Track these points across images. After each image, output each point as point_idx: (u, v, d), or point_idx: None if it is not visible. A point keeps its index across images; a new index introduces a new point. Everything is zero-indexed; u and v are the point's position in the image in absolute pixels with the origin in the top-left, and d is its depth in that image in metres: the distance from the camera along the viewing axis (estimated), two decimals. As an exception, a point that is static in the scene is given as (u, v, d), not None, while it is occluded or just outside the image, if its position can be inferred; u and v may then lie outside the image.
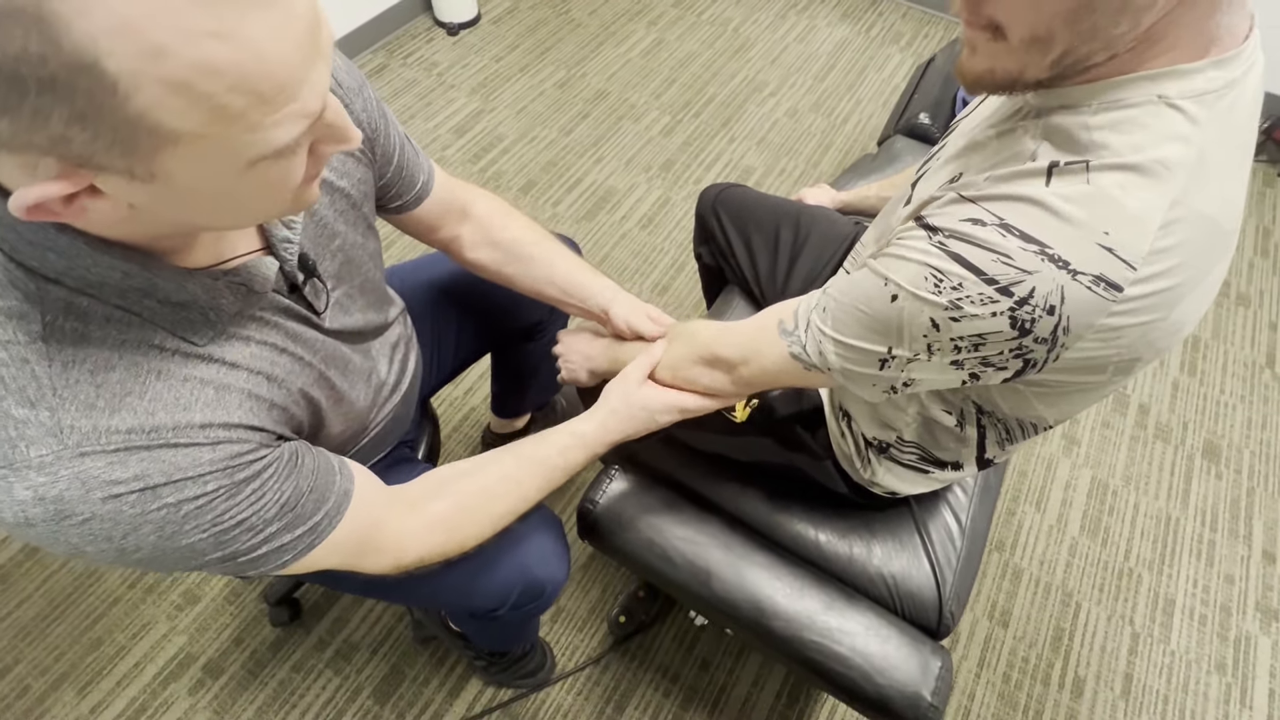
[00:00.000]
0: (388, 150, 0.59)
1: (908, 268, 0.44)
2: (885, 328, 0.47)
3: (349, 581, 0.69)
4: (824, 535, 0.80)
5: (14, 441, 0.34)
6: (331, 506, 0.47)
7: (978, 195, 0.44)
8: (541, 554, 0.72)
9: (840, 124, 1.94)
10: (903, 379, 0.50)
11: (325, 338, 0.52)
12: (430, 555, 0.56)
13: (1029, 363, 0.44)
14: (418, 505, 0.56)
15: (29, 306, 0.34)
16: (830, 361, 0.52)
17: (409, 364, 0.70)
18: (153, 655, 1.08)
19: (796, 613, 0.73)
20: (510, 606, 0.71)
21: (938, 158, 0.57)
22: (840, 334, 0.50)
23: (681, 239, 1.65)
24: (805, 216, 0.93)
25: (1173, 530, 1.28)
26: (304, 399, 0.49)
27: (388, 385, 0.65)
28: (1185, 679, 1.13)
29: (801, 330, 0.54)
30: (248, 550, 0.42)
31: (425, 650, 1.10)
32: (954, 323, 0.43)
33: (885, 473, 0.72)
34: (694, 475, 0.83)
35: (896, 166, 1.20)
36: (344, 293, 0.55)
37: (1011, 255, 0.40)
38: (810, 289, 0.87)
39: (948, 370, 0.47)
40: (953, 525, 0.81)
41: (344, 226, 0.54)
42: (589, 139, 1.85)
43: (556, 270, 0.76)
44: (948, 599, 0.77)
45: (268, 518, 0.42)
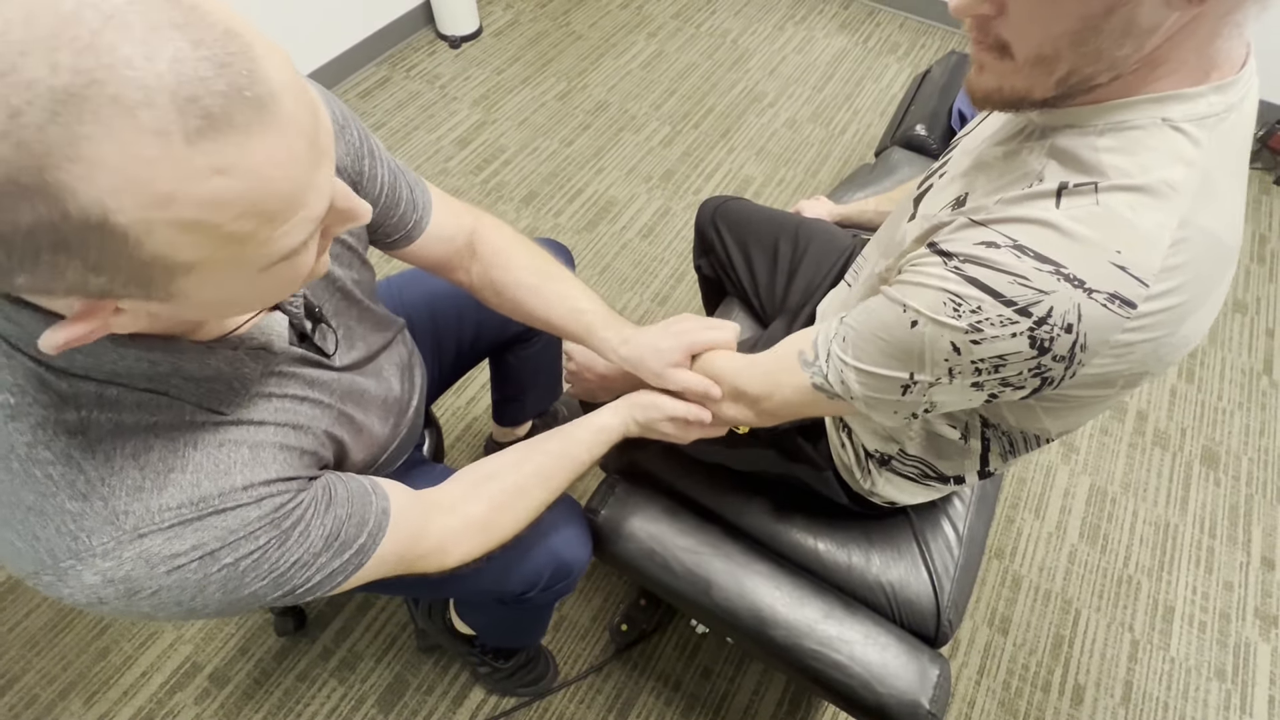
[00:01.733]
0: (374, 189, 0.58)
1: (925, 294, 0.46)
2: (906, 354, 0.48)
3: (395, 585, 0.71)
4: (823, 544, 0.81)
5: (75, 534, 0.36)
6: (373, 527, 0.49)
7: (989, 219, 0.45)
8: (567, 538, 0.75)
9: (838, 134, 1.96)
10: (924, 403, 0.51)
11: (339, 375, 0.53)
12: (472, 554, 0.58)
13: (1046, 380, 0.45)
14: (455, 509, 0.58)
15: (64, 405, 0.36)
16: (853, 390, 0.53)
17: (417, 379, 0.72)
18: (159, 665, 1.09)
19: (796, 621, 0.74)
20: (540, 588, 0.74)
21: (942, 174, 0.59)
22: (861, 362, 0.51)
23: (681, 249, 1.67)
24: (804, 229, 0.94)
25: (1172, 537, 1.29)
26: (328, 439, 0.51)
27: (402, 403, 0.67)
28: (1185, 686, 1.14)
29: (823, 361, 0.54)
30: (304, 583, 0.45)
31: (429, 659, 1.11)
32: (975, 345, 0.44)
33: (885, 483, 0.73)
34: (695, 485, 0.85)
35: (894, 178, 1.22)
36: (346, 328, 0.56)
37: (1028, 276, 0.42)
38: (809, 301, 0.90)
39: (968, 392, 0.48)
40: (950, 534, 0.82)
41: (340, 269, 0.55)
42: (590, 150, 1.87)
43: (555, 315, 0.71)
44: (946, 607, 0.77)
45: (316, 551, 0.45)
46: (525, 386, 1.11)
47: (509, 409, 1.19)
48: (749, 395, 0.62)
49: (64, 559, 0.36)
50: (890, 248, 0.60)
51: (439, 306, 0.89)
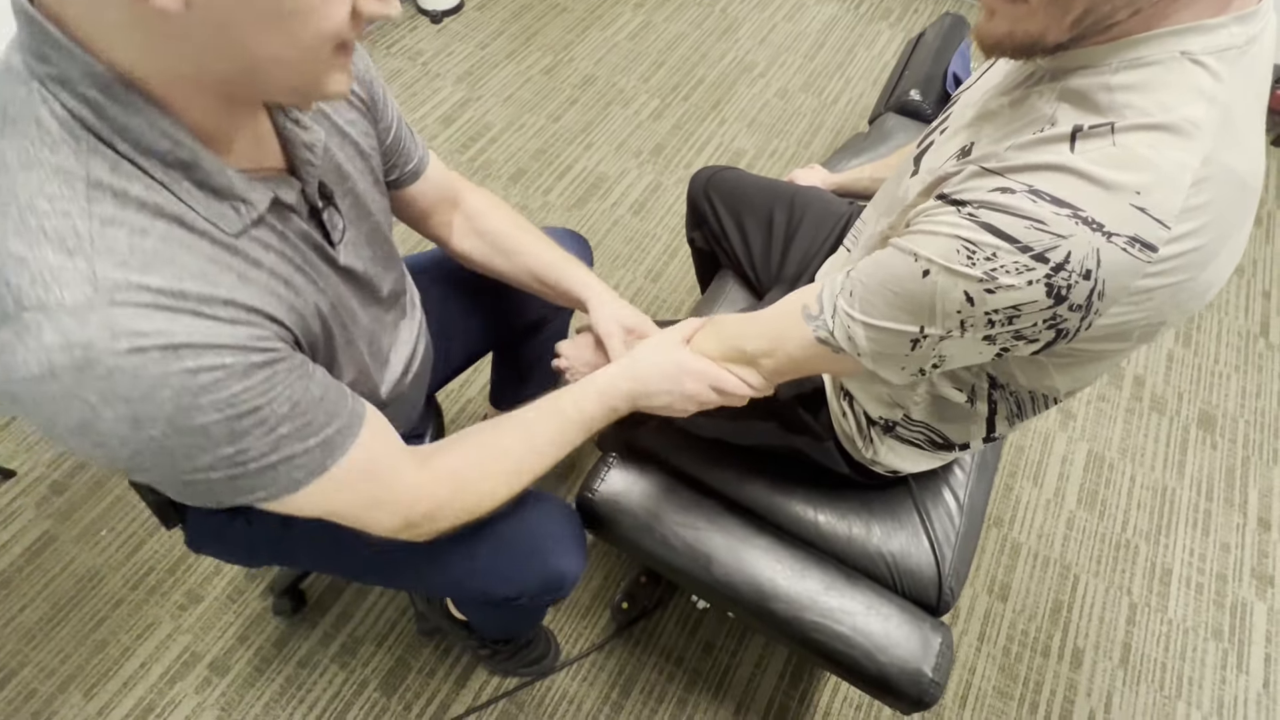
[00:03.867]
0: (386, 116, 0.61)
1: (938, 242, 0.44)
2: (916, 306, 0.46)
3: (371, 568, 0.71)
4: (823, 516, 0.80)
5: (48, 284, 0.35)
6: (344, 424, 0.47)
7: (1002, 167, 0.43)
8: (561, 545, 0.72)
9: (830, 103, 1.92)
10: (933, 358, 0.50)
11: (336, 275, 0.53)
12: (439, 511, 0.54)
13: (1061, 333, 0.43)
14: (429, 460, 0.55)
15: (77, 164, 0.36)
16: (860, 345, 0.51)
17: (419, 344, 0.70)
18: (158, 655, 1.08)
19: (797, 594, 0.74)
20: (531, 595, 0.72)
21: (943, 130, 0.57)
22: (869, 316, 0.50)
23: (674, 224, 1.64)
24: (799, 198, 0.92)
25: (1169, 501, 1.29)
26: (319, 317, 0.49)
27: (397, 357, 0.65)
28: (1183, 647, 1.15)
29: (828, 315, 0.53)
30: (259, 455, 0.42)
31: (430, 642, 1.11)
32: (989, 295, 0.42)
33: (888, 452, 0.72)
34: (692, 460, 0.83)
35: (889, 145, 1.19)
36: (354, 235, 0.56)
37: (1044, 221, 0.40)
38: (806, 271, 0.88)
39: (979, 346, 0.47)
40: (951, 502, 0.82)
41: (354, 171, 0.56)
42: (578, 125, 1.83)
43: (537, 261, 0.77)
44: (947, 576, 0.77)
45: (279, 414, 0.42)
46: (526, 372, 1.10)
47: (506, 391, 1.17)
48: (749, 353, 0.60)
49: (29, 308, 0.34)
50: (893, 205, 0.58)
51: (450, 293, 0.87)
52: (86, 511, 1.20)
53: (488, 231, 0.76)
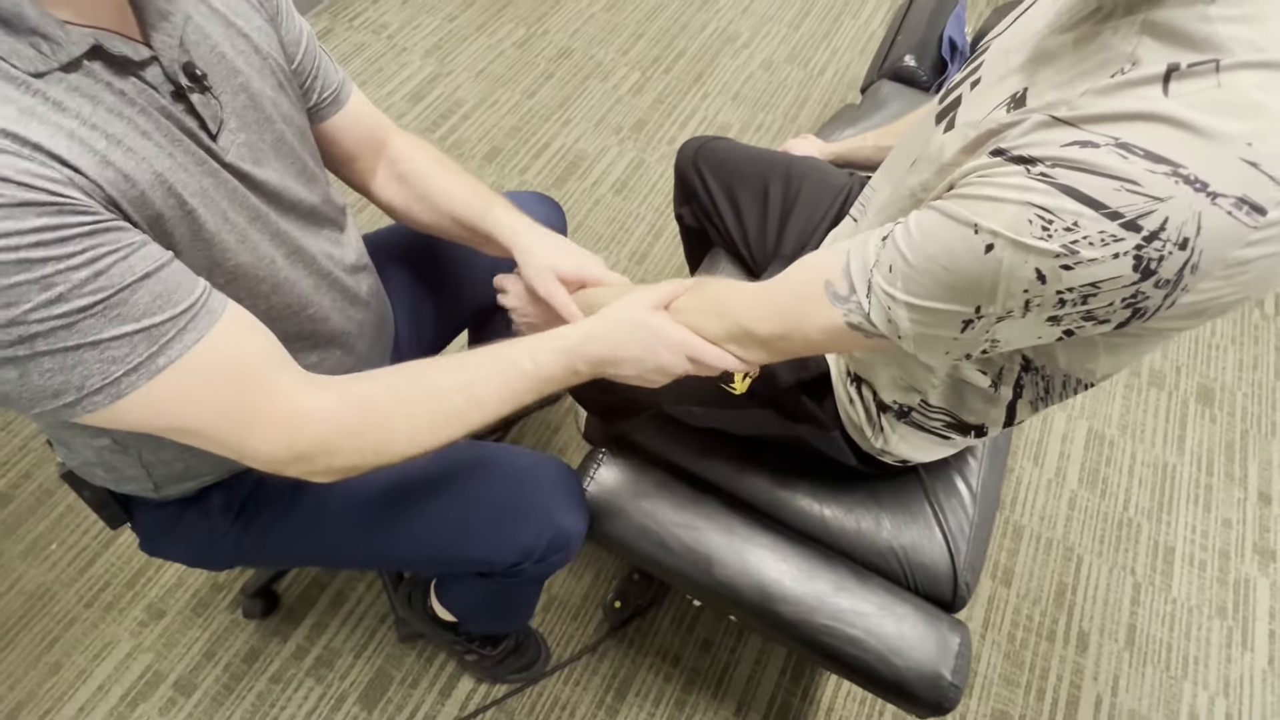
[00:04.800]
0: (293, 27, 0.56)
1: (1006, 210, 0.37)
2: (975, 285, 0.40)
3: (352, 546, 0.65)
4: (829, 510, 0.75)
5: None
6: (182, 314, 0.39)
7: (1078, 116, 0.37)
8: (564, 504, 0.69)
9: (817, 75, 1.85)
10: (984, 342, 0.44)
11: (224, 172, 0.46)
12: (341, 443, 0.45)
13: (1138, 312, 0.38)
14: (335, 384, 0.46)
15: None
16: (902, 329, 0.45)
17: (364, 281, 0.64)
18: (118, 676, 1.01)
19: (805, 595, 0.68)
20: (537, 558, 0.68)
21: (974, 82, 0.50)
22: (915, 296, 0.43)
23: (658, 203, 1.57)
24: (795, 169, 0.86)
25: (1170, 477, 1.27)
26: (171, 196, 0.42)
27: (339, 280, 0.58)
28: (1187, 626, 1.13)
29: (861, 295, 0.46)
30: (46, 328, 0.35)
31: (412, 650, 1.05)
32: (1065, 271, 0.36)
33: (899, 440, 0.66)
34: (688, 454, 0.78)
35: (885, 113, 1.13)
36: (252, 141, 0.49)
37: (1138, 181, 0.34)
38: (805, 247, 0.82)
39: (1041, 328, 0.41)
40: (963, 491, 0.77)
41: (246, 66, 0.50)
42: (554, 101, 1.74)
43: (455, 203, 0.68)
44: (962, 569, 0.72)
45: (73, 280, 0.35)
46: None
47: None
48: (760, 336, 0.53)
49: None
50: (921, 163, 0.51)
51: (415, 268, 0.81)
52: (34, 525, 1.12)
53: (408, 175, 0.69)
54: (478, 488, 0.66)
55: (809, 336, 0.50)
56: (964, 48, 1.29)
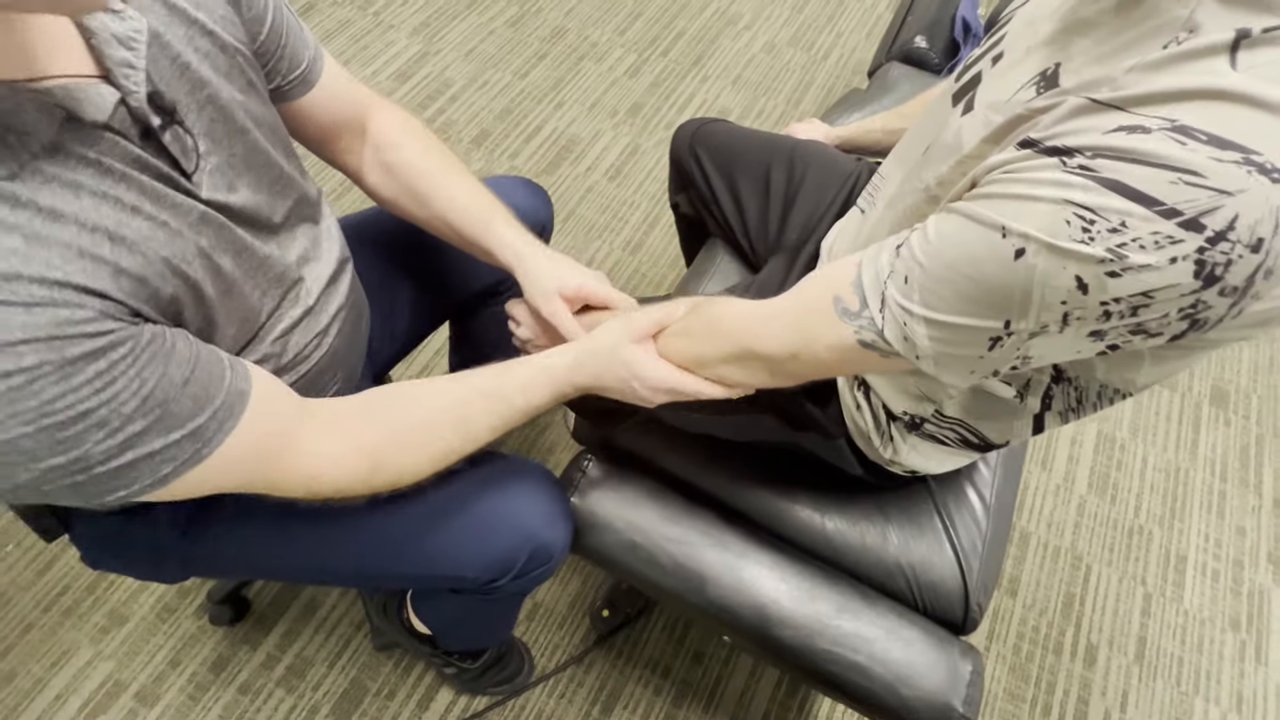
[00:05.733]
0: (255, 3, 0.49)
1: (1039, 210, 0.32)
2: (1003, 297, 0.34)
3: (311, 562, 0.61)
4: (832, 523, 0.69)
5: None
6: (221, 407, 0.40)
7: (1124, 97, 0.31)
8: (545, 514, 0.64)
9: (821, 59, 1.78)
10: (1015, 359, 0.38)
11: (200, 211, 0.42)
12: (351, 486, 0.49)
13: (1197, 323, 0.32)
14: (341, 427, 0.48)
15: None
16: (921, 347, 0.39)
17: (342, 282, 0.59)
18: (76, 686, 0.95)
19: (806, 618, 0.63)
20: (515, 575, 0.63)
21: (995, 58, 0.44)
22: (936, 311, 0.38)
23: (654, 190, 1.51)
24: (799, 153, 0.80)
25: (1182, 482, 1.22)
26: (176, 275, 0.40)
27: (308, 295, 0.54)
28: (1199, 639, 1.08)
29: (874, 310, 0.41)
30: (104, 457, 0.35)
31: (389, 659, 0.99)
32: (1111, 279, 0.31)
33: (910, 451, 0.61)
34: (682, 461, 0.72)
35: (894, 97, 1.07)
36: (223, 160, 0.45)
37: (1201, 171, 0.28)
38: (811, 238, 0.76)
39: (1082, 343, 0.35)
40: (976, 503, 0.72)
41: (212, 73, 0.44)
42: (547, 82, 1.67)
43: (452, 210, 0.64)
44: (974, 588, 0.67)
45: (125, 414, 0.35)
46: (487, 351, 0.97)
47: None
48: (765, 356, 0.48)
49: None
50: (937, 153, 0.46)
51: (389, 257, 0.75)
52: (-12, 524, 1.06)
53: (397, 166, 0.63)
54: (447, 498, 0.61)
55: (819, 356, 0.44)
56: (978, 30, 1.22)
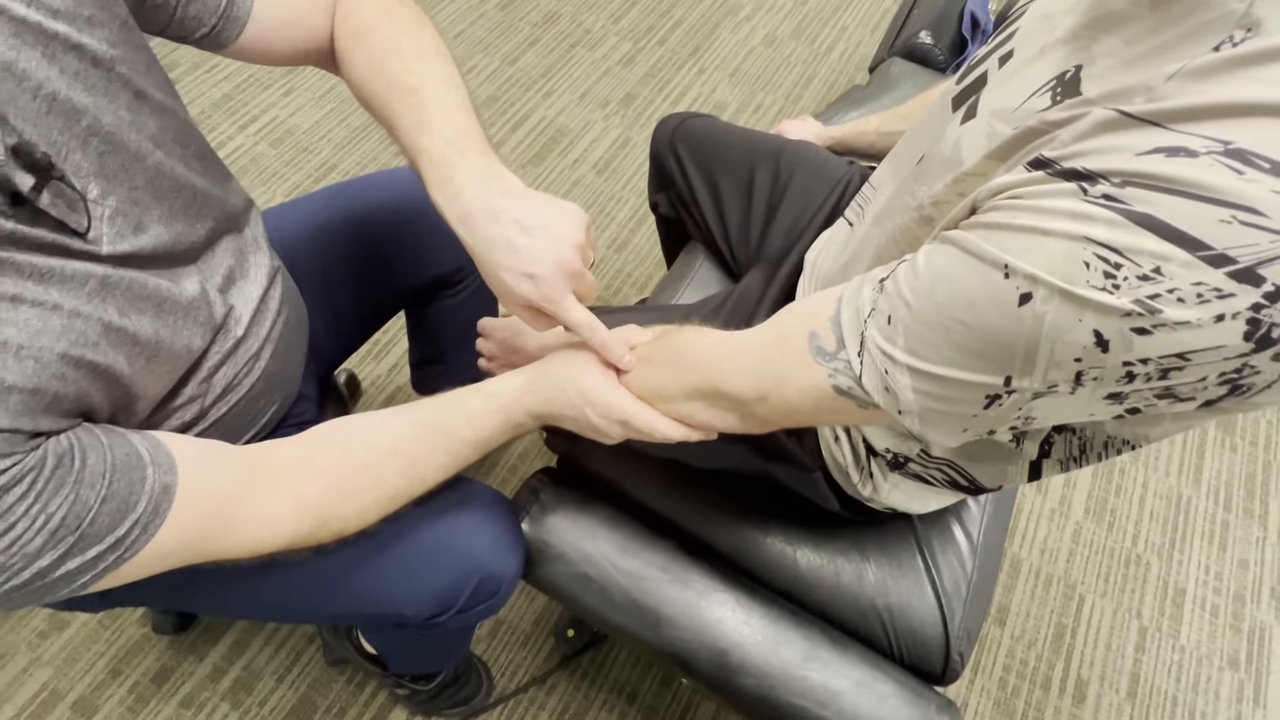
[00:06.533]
0: None
1: (1051, 247, 0.26)
2: (1004, 350, 0.29)
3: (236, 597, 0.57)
4: (805, 558, 0.64)
5: None
6: (144, 513, 0.36)
7: (1163, 110, 0.25)
8: (495, 542, 0.59)
9: (824, 53, 1.71)
10: (1015, 419, 0.32)
11: (109, 270, 0.37)
12: (298, 544, 0.45)
13: (1238, 389, 0.26)
14: (283, 481, 0.44)
15: None
16: (904, 401, 0.34)
17: (273, 298, 0.54)
18: (10, 694, 0.90)
19: (770, 667, 0.58)
20: (458, 610, 0.58)
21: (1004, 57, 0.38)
22: (923, 360, 0.32)
23: (643, 186, 1.43)
24: (787, 154, 0.74)
25: (1184, 511, 1.16)
26: (80, 368, 0.35)
27: (237, 324, 0.49)
28: (1195, 677, 1.03)
29: (852, 353, 0.35)
30: (10, 589, 0.33)
31: (341, 675, 0.94)
32: (1139, 337, 0.25)
33: (891, 489, 0.55)
34: (646, 487, 0.66)
35: (894, 95, 1.00)
36: (124, 199, 0.39)
37: (1261, 208, 0.23)
38: (795, 247, 0.69)
39: (1096, 405, 0.30)
40: (961, 541, 0.66)
41: (88, 97, 0.36)
42: (537, 69, 1.60)
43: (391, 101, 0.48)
44: (956, 636, 0.62)
45: (30, 553, 0.32)
46: (447, 345, 0.91)
47: (429, 374, 0.99)
48: (731, 395, 0.42)
49: None
50: (933, 167, 0.40)
51: (328, 243, 0.69)
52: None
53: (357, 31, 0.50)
54: (384, 527, 0.55)
55: (789, 400, 0.39)
56: (987, 26, 1.16)
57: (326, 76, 1.52)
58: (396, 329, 1.20)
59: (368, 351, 1.20)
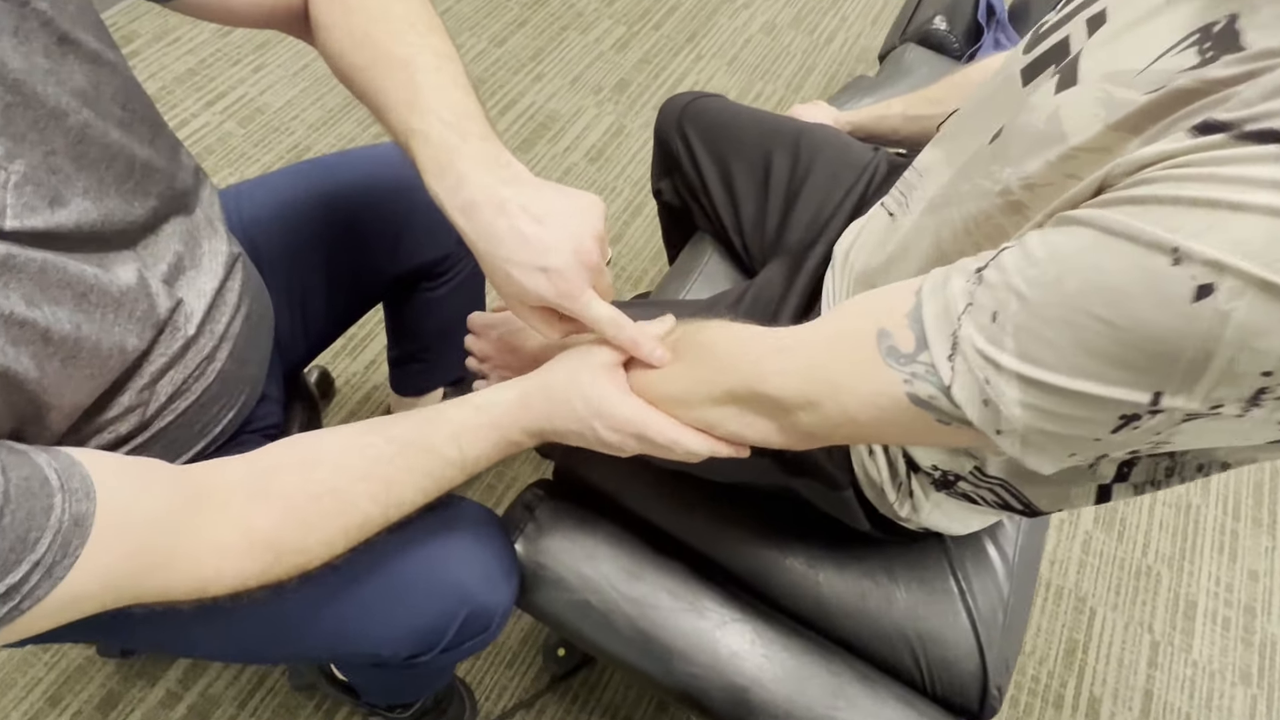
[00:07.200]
0: None
1: (1243, 225, 0.21)
2: (1162, 356, 0.23)
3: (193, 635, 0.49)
4: (827, 582, 0.58)
5: None
6: (48, 553, 0.29)
7: None
8: (485, 569, 0.52)
9: (824, 44, 1.66)
10: (1148, 444, 0.26)
11: (12, 249, 0.31)
12: (251, 582, 0.38)
13: None
14: (231, 508, 0.37)
15: None
16: (1008, 417, 0.27)
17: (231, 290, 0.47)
18: (-68, 724, 0.81)
19: (794, 706, 0.52)
20: (443, 648, 0.51)
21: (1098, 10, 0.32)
22: (1040, 368, 0.26)
23: (638, 175, 1.38)
24: (807, 138, 0.67)
25: (1193, 520, 1.13)
26: None
27: (188, 321, 0.42)
28: (1208, 693, 1.00)
29: (938, 356, 0.28)
30: None
31: (309, 700, 0.87)
32: None
33: (932, 509, 0.50)
34: (651, 502, 0.60)
35: (910, 82, 0.95)
36: (36, 164, 0.33)
37: None
38: (820, 238, 0.63)
39: (1266, 429, 0.24)
40: (996, 562, 0.61)
41: None
42: (526, 52, 1.52)
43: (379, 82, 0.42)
44: (993, 667, 0.56)
45: None
46: (430, 341, 0.83)
47: (409, 372, 0.91)
48: (771, 400, 0.35)
49: None
50: (1020, 145, 0.34)
51: (297, 229, 0.61)
52: None
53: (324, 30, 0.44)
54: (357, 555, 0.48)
55: (847, 410, 0.32)
56: (1002, 13, 1.11)
57: (301, 51, 1.42)
58: (374, 322, 1.12)
59: (342, 347, 1.11)
